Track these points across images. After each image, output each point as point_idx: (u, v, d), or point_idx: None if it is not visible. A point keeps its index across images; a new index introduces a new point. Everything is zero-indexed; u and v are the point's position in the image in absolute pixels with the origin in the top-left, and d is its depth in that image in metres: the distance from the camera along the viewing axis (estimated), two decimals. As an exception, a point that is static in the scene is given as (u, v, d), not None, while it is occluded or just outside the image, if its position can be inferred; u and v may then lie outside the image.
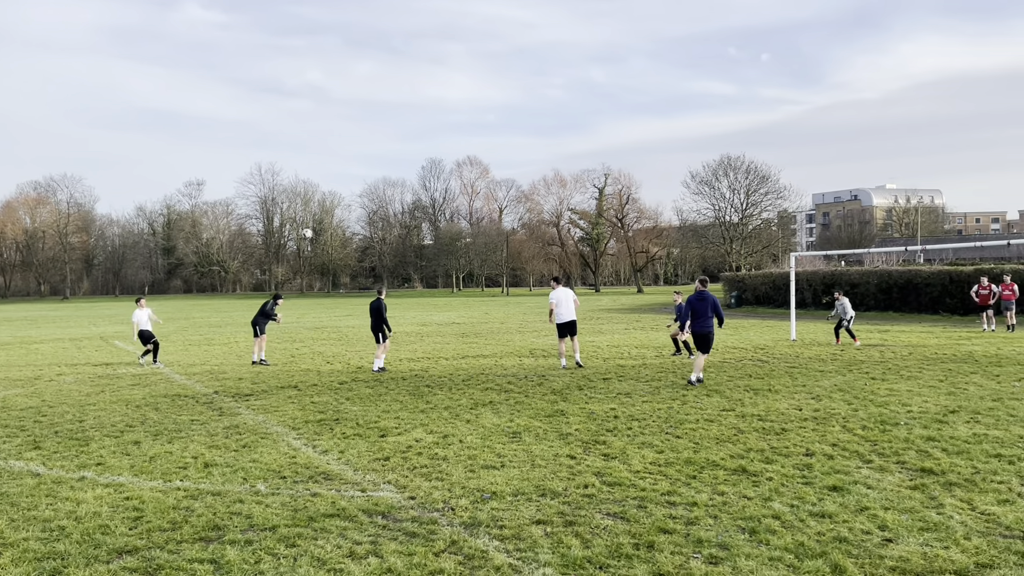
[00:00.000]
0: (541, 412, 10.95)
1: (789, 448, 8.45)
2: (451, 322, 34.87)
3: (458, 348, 21.28)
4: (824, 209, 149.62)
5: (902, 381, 13.34)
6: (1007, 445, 8.36)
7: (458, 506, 6.55)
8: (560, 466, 7.85)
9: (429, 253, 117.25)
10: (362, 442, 9.16)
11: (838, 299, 21.11)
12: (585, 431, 9.56)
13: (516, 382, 14.09)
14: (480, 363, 17.41)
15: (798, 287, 39.15)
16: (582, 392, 12.76)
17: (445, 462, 8.09)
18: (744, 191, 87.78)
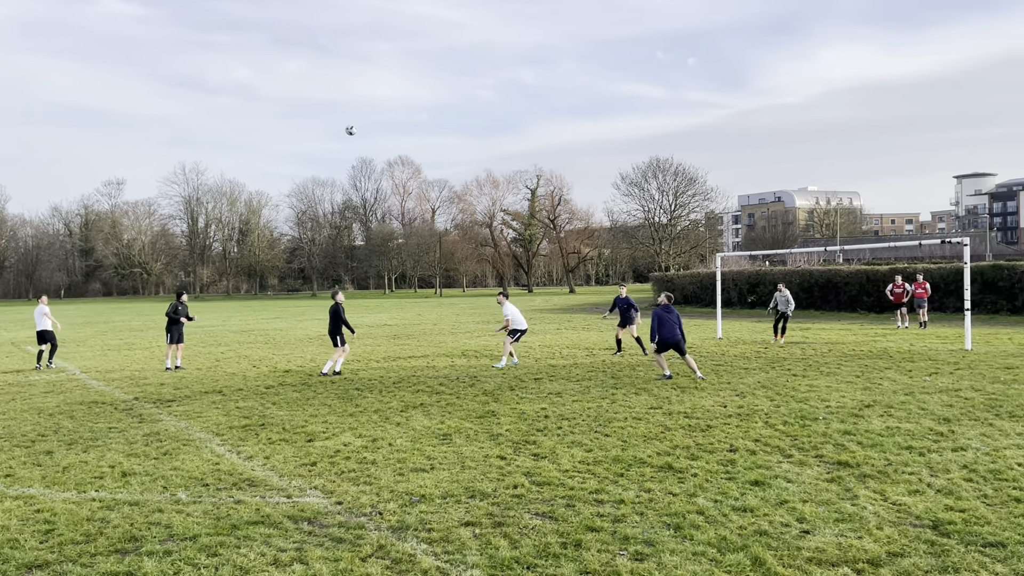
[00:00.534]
0: (472, 413, 10.94)
1: (714, 444, 8.64)
2: (383, 324, 34.55)
3: (389, 350, 21.09)
4: (749, 210, 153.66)
5: (822, 377, 13.79)
6: (918, 437, 8.72)
7: (386, 510, 6.48)
8: (490, 467, 7.85)
9: (360, 254, 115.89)
10: (288, 447, 8.99)
11: (780, 291, 20.80)
12: (516, 431, 9.59)
13: (448, 384, 14.04)
14: (411, 365, 17.29)
15: (724, 286, 40.07)
16: (513, 392, 12.79)
17: (374, 466, 8.00)
18: (673, 193, 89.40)
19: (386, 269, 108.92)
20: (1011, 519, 5.89)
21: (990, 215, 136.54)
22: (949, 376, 13.58)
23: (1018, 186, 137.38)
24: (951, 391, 11.85)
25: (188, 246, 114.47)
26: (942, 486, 6.80)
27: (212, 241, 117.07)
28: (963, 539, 5.50)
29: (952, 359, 16.03)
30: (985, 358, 16.08)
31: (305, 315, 45.12)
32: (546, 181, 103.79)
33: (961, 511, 6.09)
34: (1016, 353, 16.91)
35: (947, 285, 30.99)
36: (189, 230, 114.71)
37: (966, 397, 11.27)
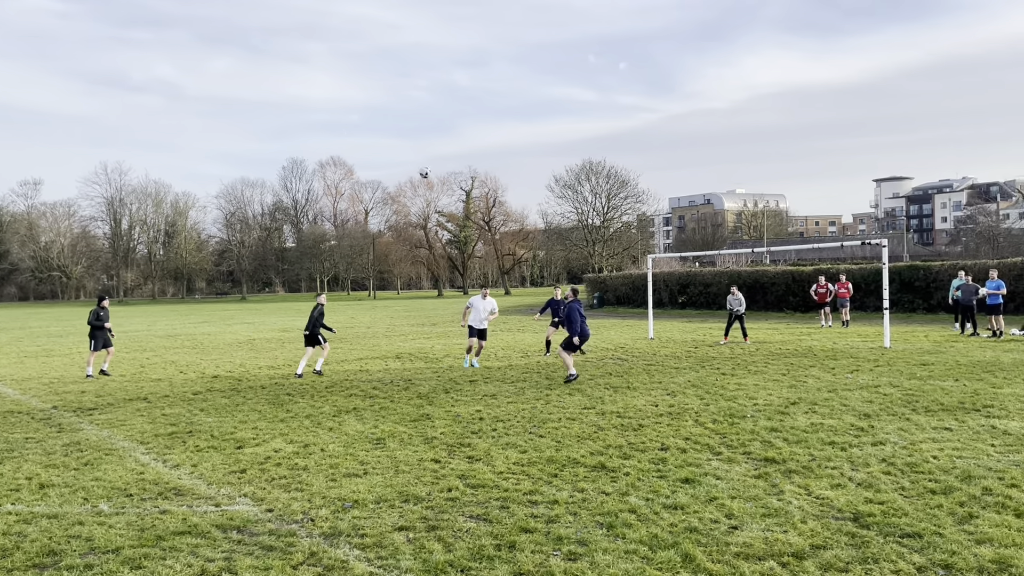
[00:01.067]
0: (406, 417, 10.86)
1: (646, 443, 8.77)
2: (315, 327, 33.96)
3: (322, 354, 20.77)
4: (680, 212, 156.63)
5: (749, 376, 14.14)
6: (840, 433, 9.02)
7: (318, 517, 6.38)
8: (424, 471, 7.80)
9: (291, 256, 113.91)
10: (217, 455, 8.77)
11: (733, 293, 20.85)
12: (450, 434, 9.56)
13: (381, 387, 13.91)
14: (344, 369, 17.07)
15: (655, 287, 40.75)
16: (448, 395, 12.75)
17: (305, 472, 7.87)
18: (605, 195, 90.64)
19: (318, 271, 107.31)
20: (927, 510, 6.14)
21: (907, 217, 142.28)
22: (869, 373, 14.09)
23: (933, 189, 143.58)
24: (871, 388, 12.31)
25: (111, 248, 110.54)
26: (862, 479, 7.05)
27: (136, 243, 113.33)
28: (882, 530, 5.71)
29: (872, 357, 16.65)
30: (903, 355, 16.74)
31: (235, 319, 44.11)
32: (480, 183, 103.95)
33: (880, 503, 6.32)
34: (931, 350, 17.66)
35: (868, 285, 32.16)
36: (112, 232, 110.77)
37: (885, 393, 11.71)
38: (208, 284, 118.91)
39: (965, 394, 11.44)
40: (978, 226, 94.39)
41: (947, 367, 14.56)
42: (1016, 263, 29.44)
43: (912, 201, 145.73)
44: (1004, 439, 8.50)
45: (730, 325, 20.91)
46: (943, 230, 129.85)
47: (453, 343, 23.18)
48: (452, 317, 40.55)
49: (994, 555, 5.16)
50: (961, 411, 10.16)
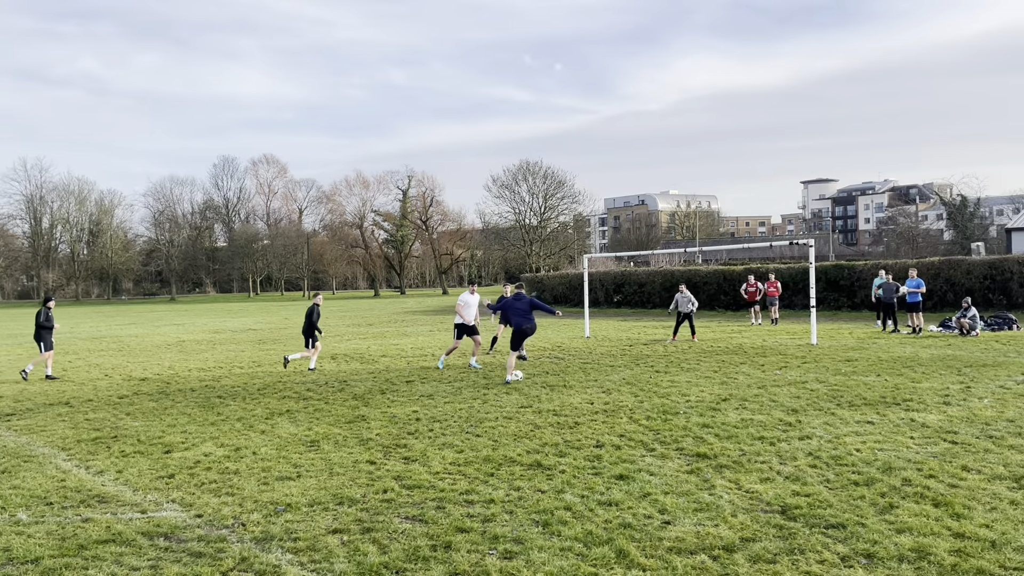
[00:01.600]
0: (341, 418, 10.72)
1: (581, 441, 8.85)
2: (247, 328, 33.31)
3: (254, 355, 20.36)
4: (615, 213, 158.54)
5: (682, 373, 14.40)
6: (769, 428, 9.26)
7: (249, 521, 6.25)
8: (359, 472, 7.71)
9: (223, 256, 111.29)
10: (144, 460, 8.50)
11: (681, 292, 20.75)
12: (386, 435, 9.47)
13: (317, 389, 13.70)
14: (278, 371, 16.75)
15: (591, 287, 41.14)
16: (384, 396, 12.64)
17: (236, 476, 7.70)
18: (542, 195, 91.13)
19: (251, 271, 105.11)
20: (850, 501, 6.35)
21: (832, 218, 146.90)
22: (797, 370, 14.50)
23: (856, 191, 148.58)
24: (799, 384, 12.67)
25: (31, 248, 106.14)
26: (790, 473, 7.25)
27: (58, 243, 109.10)
28: (808, 522, 5.88)
29: (800, 353, 17.14)
30: (829, 352, 17.28)
31: (163, 320, 42.89)
32: (417, 182, 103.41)
33: (807, 496, 6.51)
34: (855, 347, 18.27)
35: (796, 284, 33.07)
36: (32, 231, 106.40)
37: (812, 389, 12.07)
38: (135, 285, 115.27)
39: (886, 389, 11.87)
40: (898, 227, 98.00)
41: (870, 363, 15.08)
42: (934, 262, 30.70)
43: (837, 202, 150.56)
44: (922, 431, 8.85)
45: (679, 324, 21.05)
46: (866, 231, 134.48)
47: (389, 344, 23.00)
48: (389, 317, 40.24)
49: (913, 543, 5.37)
50: (882, 405, 10.54)
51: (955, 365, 14.43)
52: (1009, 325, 21.74)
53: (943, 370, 13.81)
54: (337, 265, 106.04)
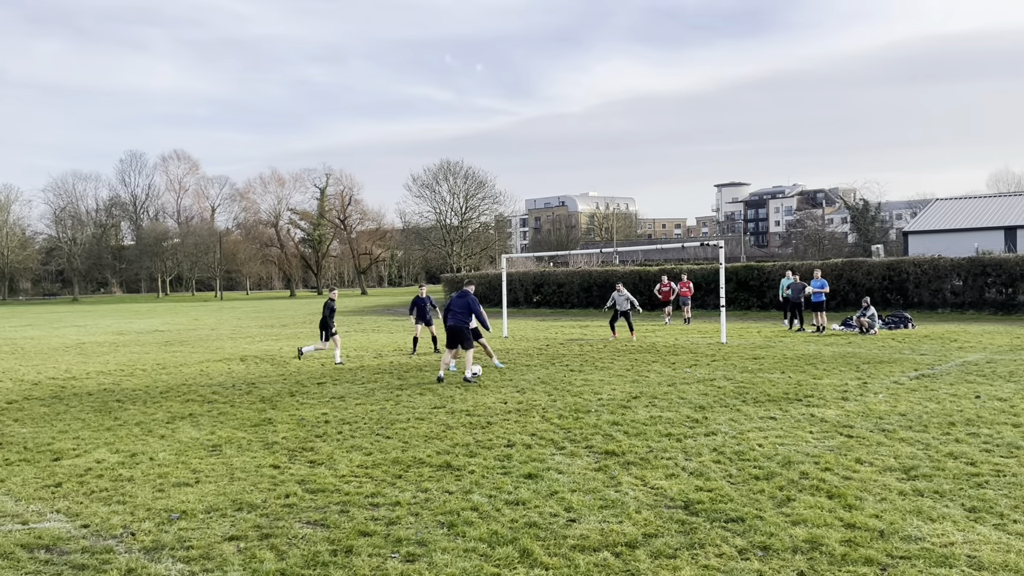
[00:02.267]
0: (247, 422, 10.39)
1: (493, 440, 8.81)
2: (153, 330, 32.09)
3: (159, 358, 19.60)
4: (536, 214, 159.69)
5: (596, 371, 14.54)
6: (676, 425, 9.42)
7: (140, 530, 5.96)
8: (262, 477, 7.47)
9: (130, 255, 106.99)
10: (29, 468, 8.03)
11: (619, 291, 20.84)
12: (293, 438, 9.22)
13: (222, 391, 13.26)
14: (183, 373, 16.16)
15: (511, 287, 41.27)
16: (294, 398, 12.33)
17: (130, 483, 7.34)
18: (463, 195, 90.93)
19: (159, 271, 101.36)
20: (750, 495, 6.50)
21: (744, 221, 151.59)
22: (706, 367, 14.83)
23: (767, 195, 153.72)
24: (707, 381, 12.95)
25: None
26: (694, 469, 7.38)
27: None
28: (709, 517, 5.98)
29: (710, 352, 17.56)
30: (737, 350, 17.77)
31: (63, 322, 40.90)
32: (335, 180, 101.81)
33: (709, 491, 6.63)
34: (762, 345, 18.84)
35: (708, 284, 33.91)
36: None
37: (719, 386, 12.36)
38: (34, 285, 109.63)
39: (789, 385, 12.26)
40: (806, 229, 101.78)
41: (775, 360, 15.56)
42: (837, 264, 31.98)
43: (749, 206, 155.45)
44: (821, 426, 9.15)
45: (615, 320, 21.17)
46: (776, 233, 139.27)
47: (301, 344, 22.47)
48: (305, 318, 39.41)
49: (807, 535, 5.52)
50: (785, 401, 10.87)
51: (854, 362, 15.02)
52: (905, 323, 22.81)
53: (843, 367, 14.35)
54: (251, 265, 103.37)
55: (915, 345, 17.98)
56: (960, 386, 11.79)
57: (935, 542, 5.33)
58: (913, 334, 20.83)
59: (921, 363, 14.71)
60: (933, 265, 29.55)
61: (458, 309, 14.16)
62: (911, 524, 5.68)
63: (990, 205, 46.29)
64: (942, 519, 5.77)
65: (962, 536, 5.43)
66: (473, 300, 14.28)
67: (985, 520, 5.74)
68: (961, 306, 28.79)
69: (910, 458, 7.54)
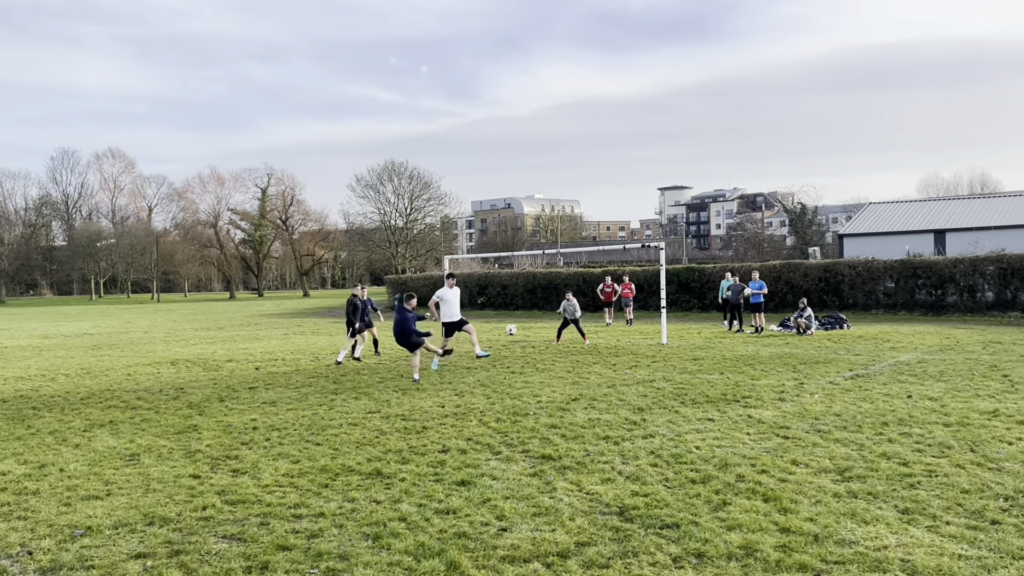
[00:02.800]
0: (170, 429, 9.92)
1: (427, 446, 8.54)
2: (82, 333, 30.90)
3: (84, 362, 18.79)
4: (482, 216, 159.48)
5: (537, 374, 14.37)
6: (615, 427, 9.29)
7: (38, 548, 5.54)
8: (179, 488, 7.08)
9: (61, 256, 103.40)
10: (-74, 482, 7.48)
11: (568, 300, 20.71)
12: (218, 446, 8.81)
13: (148, 397, 12.70)
14: (108, 378, 15.48)
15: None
16: (223, 404, 11.86)
17: (35, 497, 6.88)
18: (408, 196, 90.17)
19: (93, 272, 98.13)
20: (686, 500, 6.37)
21: (687, 223, 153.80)
22: (647, 369, 14.79)
23: (709, 198, 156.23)
24: (647, 382, 12.89)
25: None
26: (631, 473, 7.23)
27: None
28: (644, 523, 5.83)
29: (651, 353, 17.55)
30: (677, 351, 17.81)
31: (-14, 325, 39.13)
32: (277, 180, 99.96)
33: (645, 496, 6.49)
34: (702, 346, 18.93)
35: (650, 286, 34.15)
36: None
37: (658, 387, 12.30)
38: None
39: (728, 386, 12.26)
40: (746, 232, 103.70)
41: (715, 361, 15.62)
42: (775, 266, 32.49)
43: (691, 208, 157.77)
44: (758, 427, 9.12)
45: (564, 327, 20.78)
46: (717, 236, 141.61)
47: (238, 348, 21.86)
48: (243, 320, 38.47)
49: (742, 540, 5.40)
50: (723, 402, 10.84)
51: (791, 363, 15.16)
52: (840, 324, 23.23)
53: (780, 367, 14.46)
54: (189, 266, 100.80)
55: (850, 345, 18.28)
56: (893, 386, 11.94)
57: (869, 545, 5.26)
58: (848, 335, 21.20)
59: (855, 363, 14.92)
60: (867, 267, 30.22)
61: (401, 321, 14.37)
62: (845, 527, 5.61)
63: (921, 209, 47.72)
64: (876, 521, 5.72)
65: (895, 539, 5.38)
66: (405, 319, 14.29)
67: (918, 522, 5.71)
68: (893, 307, 29.50)
69: (844, 459, 7.53)
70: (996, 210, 44.01)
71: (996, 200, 47.37)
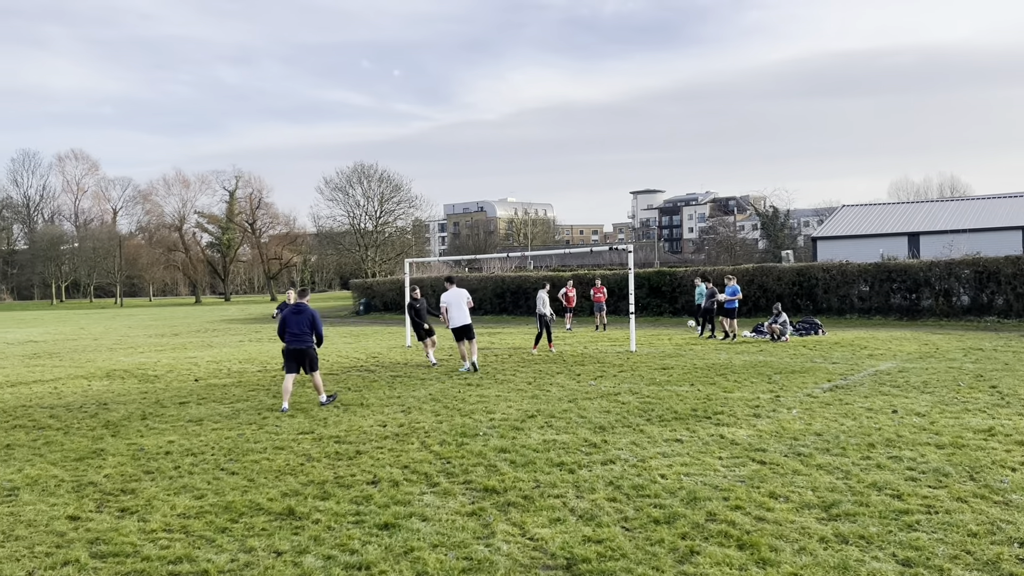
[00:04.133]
0: (72, 454, 8.76)
1: (356, 476, 7.47)
2: (27, 340, 29.35)
3: (13, 373, 17.44)
4: (455, 219, 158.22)
5: (495, 385, 13.33)
6: (571, 451, 8.27)
7: None
8: (48, 535, 5.95)
9: (22, 259, 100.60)
10: None
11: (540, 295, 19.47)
12: (117, 477, 7.68)
13: (63, 414, 11.49)
14: (30, 392, 14.20)
15: (423, 293, 39.83)
16: (143, 422, 10.69)
17: None
18: (378, 199, 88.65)
19: (54, 277, 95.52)
20: (647, 548, 5.37)
21: (659, 227, 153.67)
22: (612, 379, 13.81)
23: (681, 202, 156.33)
24: (611, 396, 11.89)
25: None
26: (585, 510, 6.22)
27: None
28: (595, 580, 4.82)
29: (618, 362, 16.58)
30: (646, 359, 16.86)
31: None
32: (245, 183, 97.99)
33: (599, 542, 5.48)
34: (672, 353, 18.01)
35: (621, 290, 33.26)
36: None
37: (623, 402, 11.29)
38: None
39: (698, 400, 11.30)
40: (718, 236, 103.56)
41: (685, 371, 14.68)
42: (748, 269, 31.75)
43: (664, 212, 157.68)
44: (731, 450, 8.16)
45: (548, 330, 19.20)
46: (690, 239, 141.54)
47: (185, 357, 20.58)
48: (202, 326, 37.02)
49: (712, 606, 4.41)
50: (693, 419, 9.88)
51: (766, 372, 14.27)
52: (815, 330, 22.45)
53: (754, 378, 13.56)
54: (154, 270, 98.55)
55: (826, 353, 17.45)
56: (875, 399, 11.06)
57: (866, 612, 4.29)
58: (824, 341, 20.41)
59: (834, 373, 14.05)
60: (841, 271, 29.55)
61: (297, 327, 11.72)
62: (836, 586, 4.64)
63: (894, 212, 47.33)
64: (872, 577, 4.76)
65: (897, 602, 4.41)
66: (315, 313, 11.84)
67: (922, 577, 4.76)
68: (868, 311, 28.85)
69: (830, 490, 6.58)
70: (970, 213, 43.72)
71: (969, 203, 47.16)
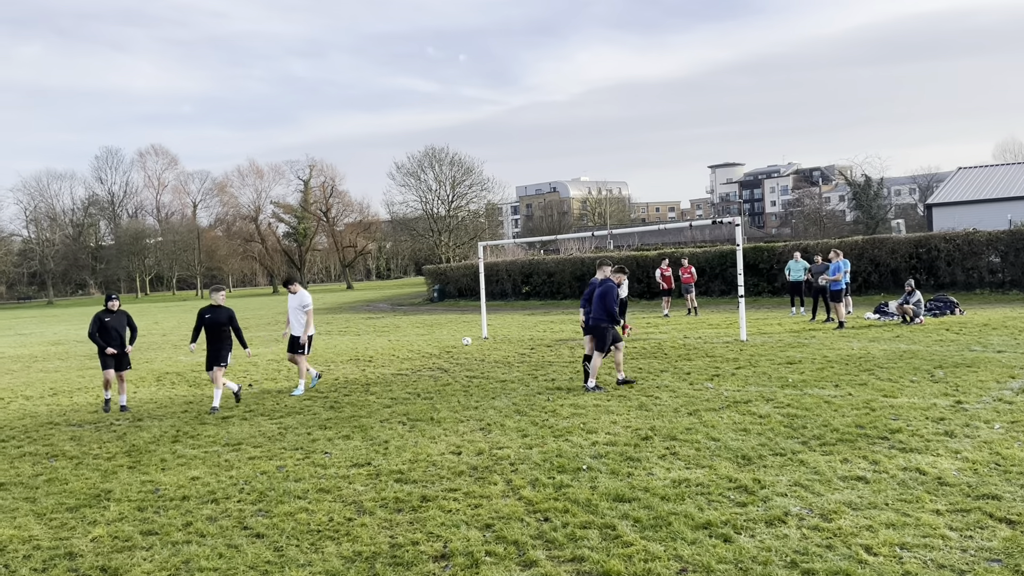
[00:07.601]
0: (70, 499, 6.99)
1: (418, 543, 5.37)
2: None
3: (63, 379, 16.12)
4: (527, 201, 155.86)
5: (587, 392, 11.09)
6: (714, 497, 5.99)
7: None
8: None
9: (108, 254, 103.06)
10: None
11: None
12: (107, 541, 5.84)
13: (88, 436, 9.87)
14: (69, 403, 12.72)
15: (498, 277, 37.84)
16: (174, 446, 8.90)
17: None
18: (450, 183, 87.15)
19: (139, 270, 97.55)
20: None
21: (740, 201, 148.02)
22: (732, 380, 11.40)
23: (762, 175, 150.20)
24: (741, 405, 9.50)
25: None
26: (770, 623, 3.96)
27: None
28: None
29: (731, 355, 14.11)
30: (764, 351, 14.33)
31: (11, 329, 37.27)
32: (318, 171, 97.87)
33: None
34: (792, 343, 15.40)
35: (712, 269, 30.59)
36: None
37: (760, 415, 8.89)
38: (9, 288, 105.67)
39: (857, 410, 8.82)
40: (805, 208, 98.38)
41: (817, 366, 12.13)
42: (857, 241, 28.56)
43: (744, 186, 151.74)
44: (947, 496, 5.74)
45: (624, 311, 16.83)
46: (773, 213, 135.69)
47: (243, 354, 19.01)
48: (273, 318, 35.91)
49: None
50: (864, 441, 7.44)
51: (919, 365, 11.63)
52: (951, 308, 19.41)
53: (910, 373, 10.96)
54: (232, 261, 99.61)
55: (981, 338, 14.57)
56: (1098, 406, 8.39)
57: None
58: (966, 322, 17.43)
59: (1012, 366, 11.30)
60: (968, 240, 26.12)
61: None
62: None
63: (1020, 172, 42.57)
64: None
65: None
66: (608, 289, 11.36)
67: None
68: (1001, 285, 25.41)
69: None
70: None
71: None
